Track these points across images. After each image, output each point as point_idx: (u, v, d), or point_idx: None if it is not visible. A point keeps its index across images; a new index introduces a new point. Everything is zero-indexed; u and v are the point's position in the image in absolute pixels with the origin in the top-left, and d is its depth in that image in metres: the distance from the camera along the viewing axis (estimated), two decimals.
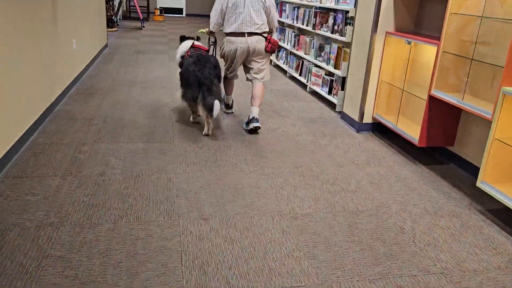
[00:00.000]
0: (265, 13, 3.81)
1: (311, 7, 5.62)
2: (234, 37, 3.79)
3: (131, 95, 4.90)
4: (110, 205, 2.57)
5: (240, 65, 4.04)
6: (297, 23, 6.10)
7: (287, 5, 6.56)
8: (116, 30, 10.67)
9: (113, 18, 10.72)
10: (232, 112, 4.56)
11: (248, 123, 3.92)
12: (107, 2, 10.35)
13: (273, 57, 7.27)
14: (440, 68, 3.10)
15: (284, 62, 6.75)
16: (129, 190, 2.77)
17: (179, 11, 16.00)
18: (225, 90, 4.31)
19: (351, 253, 2.23)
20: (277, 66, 7.19)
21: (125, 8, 13.94)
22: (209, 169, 3.14)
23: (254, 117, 3.86)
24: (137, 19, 12.74)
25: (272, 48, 3.87)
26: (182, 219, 2.46)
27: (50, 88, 4.12)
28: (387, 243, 2.35)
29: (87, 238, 2.23)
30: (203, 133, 3.82)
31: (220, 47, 4.00)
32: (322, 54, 5.26)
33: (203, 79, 3.58)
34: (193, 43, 4.04)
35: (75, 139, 3.53)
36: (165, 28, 11.68)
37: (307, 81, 5.61)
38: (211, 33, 4.08)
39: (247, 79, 4.06)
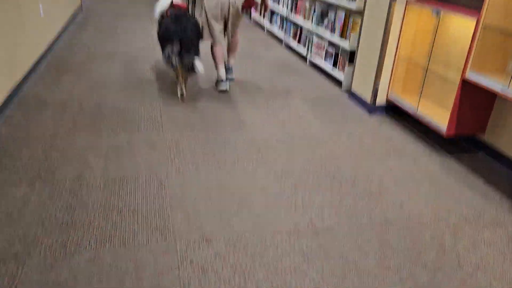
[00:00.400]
0: None
1: None
2: None
3: (110, 72, 4.31)
4: (89, 222, 2.09)
5: (222, 28, 3.93)
6: None
7: None
8: None
9: None
10: (227, 90, 4.05)
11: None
12: None
13: (265, 22, 6.64)
14: (479, 47, 2.62)
15: (279, 28, 6.15)
16: (112, 200, 2.29)
17: None
18: (215, 61, 4.00)
19: (389, 285, 1.83)
20: (270, 33, 6.58)
21: None
22: (207, 167, 2.67)
23: (229, 67, 4.14)
24: None
25: (249, 5, 3.85)
26: (179, 242, 2.01)
27: (12, 66, 3.51)
28: (429, 268, 1.95)
29: (61, 276, 1.77)
30: (178, 94, 3.78)
31: (201, 6, 3.85)
32: (325, 21, 4.71)
33: (184, 38, 3.50)
34: (172, 0, 3.90)
35: (45, 131, 2.99)
36: None
37: (307, 52, 5.07)
38: None
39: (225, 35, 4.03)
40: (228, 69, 4.13)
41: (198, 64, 3.49)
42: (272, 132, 3.20)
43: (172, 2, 3.91)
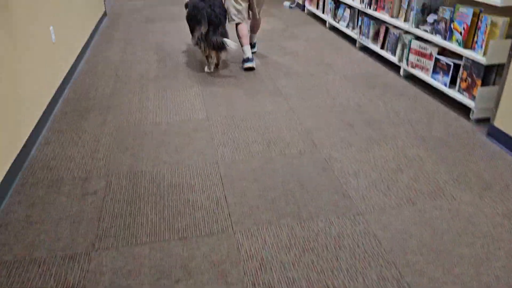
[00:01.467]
0: None
1: None
2: None
3: (144, 109, 3.22)
4: None
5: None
6: None
7: None
8: None
9: None
10: (253, 68, 4.00)
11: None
12: None
13: (329, 17, 5.35)
14: None
15: (348, 25, 4.86)
16: None
17: None
18: (240, 41, 4.01)
19: None
20: (335, 30, 5.29)
21: None
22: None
23: (253, 42, 4.45)
24: None
25: None
26: None
27: (14, 130, 2.47)
28: None
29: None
30: (205, 69, 3.98)
31: None
32: (430, 19, 3.41)
33: (212, 17, 3.62)
34: None
35: (55, 241, 1.94)
36: None
37: (401, 61, 3.79)
38: None
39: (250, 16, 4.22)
40: (252, 45, 4.40)
41: (229, 41, 3.61)
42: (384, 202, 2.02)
43: None
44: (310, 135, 2.83)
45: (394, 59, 3.89)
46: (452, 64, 3.13)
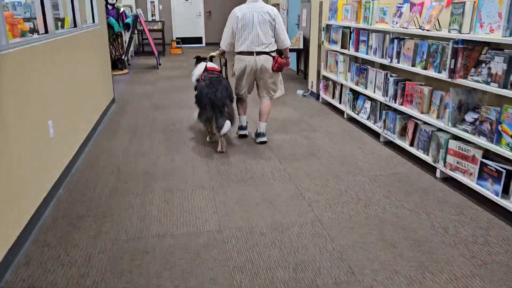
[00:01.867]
0: (274, 33, 4.02)
1: (444, 40, 3.46)
2: (243, 56, 4.03)
3: (147, 216, 2.77)
4: None
5: (252, 85, 4.24)
6: (398, 62, 3.92)
7: (374, 34, 4.40)
8: (127, 73, 8.71)
9: (122, 57, 8.79)
10: (246, 135, 4.43)
11: (256, 135, 4.29)
12: (115, 40, 8.47)
13: (347, 108, 5.09)
14: None
15: (369, 118, 4.57)
16: None
17: (198, 40, 14.09)
18: (238, 111, 4.36)
19: None
20: (354, 120, 5.00)
21: (137, 42, 12.09)
22: None
23: (261, 132, 4.24)
24: (151, 53, 10.76)
25: (279, 67, 4.06)
26: None
27: None
28: None
29: None
30: (218, 150, 3.99)
31: (233, 65, 4.19)
32: (469, 118, 3.08)
33: (215, 101, 3.81)
34: (206, 65, 4.24)
35: None
36: (186, 65, 9.67)
37: (436, 161, 3.39)
38: (222, 53, 4.23)
39: (259, 96, 4.32)
40: (260, 134, 4.24)
41: (225, 128, 3.75)
42: None
43: (206, 66, 4.22)
44: (345, 258, 2.33)
45: (427, 158, 3.50)
46: (504, 171, 2.71)
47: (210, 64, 4.25)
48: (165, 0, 13.53)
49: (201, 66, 4.28)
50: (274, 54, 4.02)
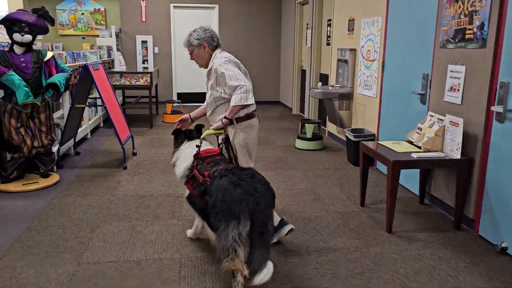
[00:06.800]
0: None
1: None
2: (252, 119, 2.95)
3: None
4: None
5: None
6: None
7: None
8: (55, 183, 4.15)
9: (48, 148, 4.30)
10: (293, 228, 2.94)
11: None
12: (31, 117, 4.09)
13: None
14: None
15: None
16: None
17: (203, 97, 9.73)
18: None
19: None
20: None
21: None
22: None
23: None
24: (113, 136, 6.25)
25: None
26: None
27: None
28: None
29: None
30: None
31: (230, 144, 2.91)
32: None
33: (258, 214, 2.22)
34: (199, 148, 2.73)
35: None
36: None
37: None
38: (228, 122, 2.83)
39: None
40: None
41: (265, 273, 2.05)
42: None
43: (198, 150, 2.71)
44: None
45: None
46: None
47: (207, 147, 2.80)
48: (163, 41, 9.31)
49: (189, 148, 2.82)
50: None
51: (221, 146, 2.88)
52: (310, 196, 3.95)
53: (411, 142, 3.52)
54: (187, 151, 2.83)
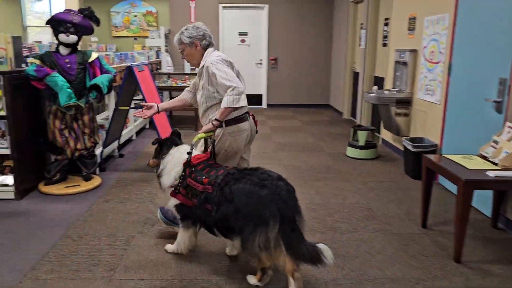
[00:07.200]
0: None
1: None
2: (243, 123, 2.81)
3: None
4: None
5: None
6: None
7: None
8: (97, 186, 4.07)
9: (91, 150, 4.23)
10: None
11: None
12: (74, 118, 4.05)
13: None
14: None
15: None
16: None
17: (256, 99, 9.51)
18: None
19: None
20: None
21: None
22: None
23: None
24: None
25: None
26: None
27: None
28: None
29: None
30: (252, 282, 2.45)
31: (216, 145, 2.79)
32: None
33: (286, 211, 2.26)
34: (191, 155, 2.61)
35: None
36: None
37: None
38: (219, 123, 2.72)
39: None
40: None
41: (328, 254, 2.16)
42: None
43: (190, 158, 2.59)
44: None
45: None
46: None
47: (197, 153, 2.74)
48: None
49: (177, 155, 2.67)
50: None
51: (209, 150, 2.81)
52: (363, 212, 3.57)
53: (484, 157, 3.05)
54: (175, 160, 2.69)
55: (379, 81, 6.49)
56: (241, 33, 9.24)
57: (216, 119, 2.69)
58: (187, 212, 2.63)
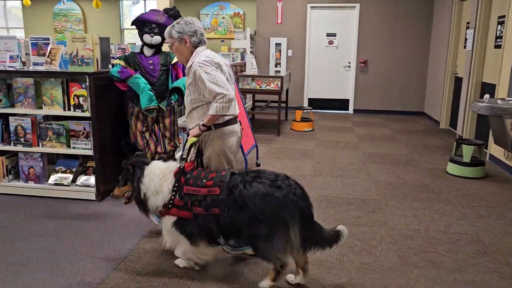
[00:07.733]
0: None
1: None
2: (233, 125, 2.72)
3: None
4: None
5: None
6: None
7: None
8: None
9: (172, 154, 4.13)
10: None
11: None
12: (157, 121, 3.97)
13: None
14: None
15: None
16: None
17: (342, 104, 8.99)
18: None
19: None
20: None
21: None
22: None
23: None
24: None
25: None
26: None
27: None
28: None
29: None
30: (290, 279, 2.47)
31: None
32: None
33: (305, 208, 2.30)
34: (186, 159, 2.57)
35: None
36: (324, 169, 4.61)
37: None
38: (207, 128, 2.65)
39: None
40: None
41: (343, 230, 2.34)
42: None
43: (183, 164, 2.52)
44: None
45: None
46: None
47: (169, 166, 2.55)
48: (297, 43, 8.87)
49: (159, 170, 2.51)
50: None
51: (192, 159, 2.64)
52: (472, 246, 2.98)
53: None
54: (159, 175, 2.49)
55: (488, 88, 5.66)
56: (329, 34, 8.79)
57: (203, 125, 2.60)
58: (190, 226, 2.42)
